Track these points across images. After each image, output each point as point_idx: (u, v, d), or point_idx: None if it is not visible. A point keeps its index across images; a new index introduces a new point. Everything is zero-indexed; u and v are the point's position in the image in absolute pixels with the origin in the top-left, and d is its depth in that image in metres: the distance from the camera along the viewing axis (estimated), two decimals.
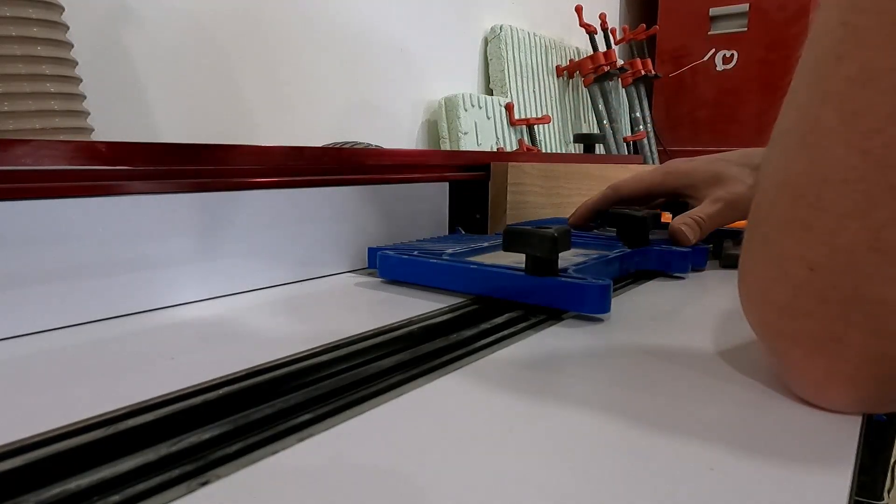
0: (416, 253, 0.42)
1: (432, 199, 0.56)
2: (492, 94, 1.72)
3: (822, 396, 0.22)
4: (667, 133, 2.34)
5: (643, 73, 2.13)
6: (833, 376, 0.21)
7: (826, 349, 0.21)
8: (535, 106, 1.82)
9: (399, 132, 1.48)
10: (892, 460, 0.77)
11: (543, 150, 1.79)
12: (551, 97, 1.91)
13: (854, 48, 0.19)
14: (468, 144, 1.50)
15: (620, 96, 2.14)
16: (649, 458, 0.19)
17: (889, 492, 0.78)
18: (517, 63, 1.76)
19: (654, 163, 2.09)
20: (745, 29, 2.20)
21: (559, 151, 1.91)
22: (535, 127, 1.73)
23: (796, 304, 0.21)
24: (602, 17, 2.05)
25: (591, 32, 1.98)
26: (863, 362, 0.20)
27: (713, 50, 2.29)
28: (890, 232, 0.19)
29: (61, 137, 0.68)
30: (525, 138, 1.72)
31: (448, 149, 1.48)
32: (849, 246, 0.19)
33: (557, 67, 1.95)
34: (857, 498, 0.32)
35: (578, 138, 1.84)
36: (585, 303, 0.33)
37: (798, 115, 0.22)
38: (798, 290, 0.21)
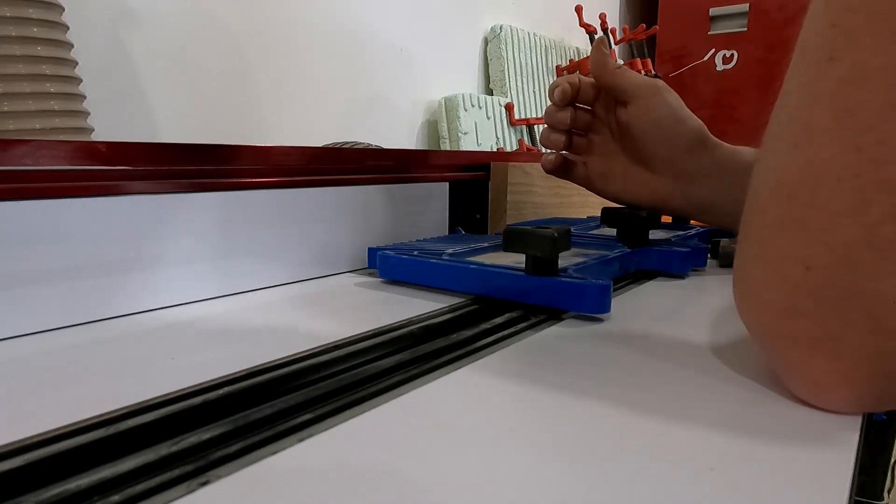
0: (416, 253, 0.42)
1: (432, 199, 0.56)
2: (492, 94, 1.72)
3: (821, 397, 0.22)
4: None
5: (643, 73, 2.13)
6: (832, 376, 0.21)
7: (824, 349, 0.21)
8: (535, 106, 1.82)
9: (399, 132, 1.48)
10: (892, 460, 0.77)
11: (543, 151, 1.79)
12: None
13: (845, 49, 0.20)
14: (468, 144, 1.50)
15: None
16: (649, 458, 0.19)
17: (889, 492, 0.78)
18: (517, 63, 1.76)
19: None
20: (745, 29, 2.20)
21: None
22: (535, 127, 1.73)
23: (793, 304, 0.21)
24: (602, 17, 2.05)
25: (591, 32, 1.97)
26: (861, 361, 0.20)
27: (713, 50, 2.29)
28: (885, 228, 0.19)
29: (61, 137, 0.68)
30: (525, 138, 1.72)
31: (448, 149, 1.47)
32: (844, 243, 0.20)
33: (557, 67, 1.95)
34: (857, 498, 0.32)
35: None
36: (585, 303, 0.33)
37: (790, 117, 0.22)
38: (795, 290, 0.21)
